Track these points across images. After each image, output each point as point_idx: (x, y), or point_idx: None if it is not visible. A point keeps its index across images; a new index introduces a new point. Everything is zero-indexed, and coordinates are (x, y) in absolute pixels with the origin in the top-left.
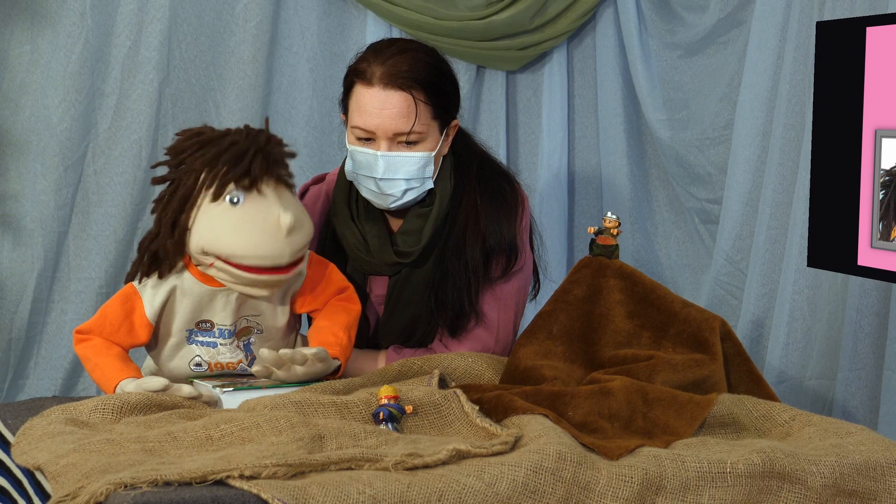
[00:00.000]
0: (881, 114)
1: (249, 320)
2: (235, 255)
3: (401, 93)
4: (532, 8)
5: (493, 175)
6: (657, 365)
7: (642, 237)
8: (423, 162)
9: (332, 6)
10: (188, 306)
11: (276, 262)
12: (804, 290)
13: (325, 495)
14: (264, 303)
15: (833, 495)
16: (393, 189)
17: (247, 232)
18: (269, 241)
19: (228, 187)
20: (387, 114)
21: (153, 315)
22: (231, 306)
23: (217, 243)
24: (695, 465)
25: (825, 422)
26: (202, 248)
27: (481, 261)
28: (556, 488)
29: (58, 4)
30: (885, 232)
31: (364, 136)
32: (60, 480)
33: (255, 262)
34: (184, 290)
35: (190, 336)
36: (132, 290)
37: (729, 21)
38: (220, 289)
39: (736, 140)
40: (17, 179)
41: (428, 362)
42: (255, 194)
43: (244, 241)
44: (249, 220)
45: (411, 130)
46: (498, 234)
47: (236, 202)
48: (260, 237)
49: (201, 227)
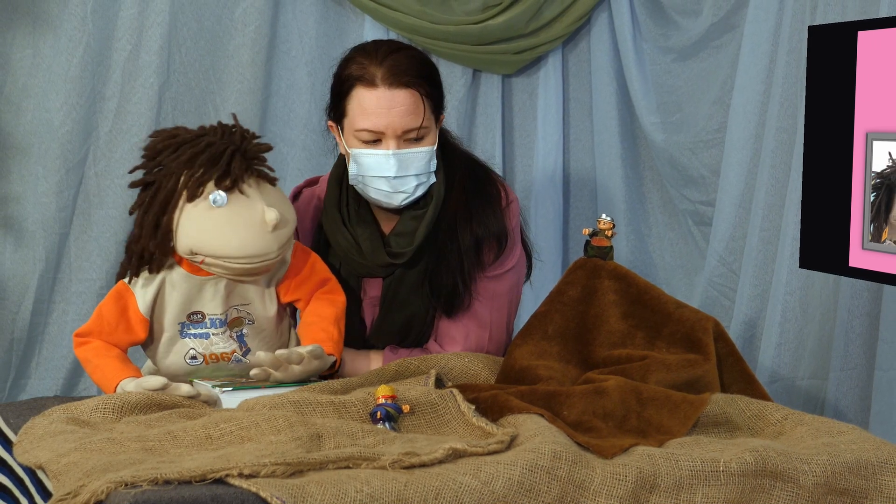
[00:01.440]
0: (872, 117)
1: (240, 310)
2: (225, 255)
3: (407, 90)
4: (528, 12)
5: (474, 171)
6: (651, 365)
7: (636, 239)
8: (429, 156)
9: (330, 11)
10: (178, 298)
11: (265, 259)
12: (796, 291)
13: (324, 494)
14: (252, 291)
15: (825, 494)
16: (405, 186)
17: (233, 232)
18: (257, 239)
19: (208, 187)
20: (395, 112)
21: (146, 309)
22: (220, 294)
23: (206, 245)
24: (688, 463)
25: (817, 421)
26: (190, 249)
27: (472, 245)
28: (551, 487)
29: (59, 9)
30: (876, 233)
31: (371, 137)
32: (62, 479)
33: (244, 261)
34: (173, 283)
35: (182, 329)
36: (124, 287)
37: (722, 25)
38: (209, 278)
39: (729, 143)
40: (19, 182)
41: (425, 362)
42: (238, 193)
43: (232, 241)
44: (235, 220)
45: (421, 126)
46: (485, 224)
47: (220, 203)
48: (246, 236)
49: (187, 229)
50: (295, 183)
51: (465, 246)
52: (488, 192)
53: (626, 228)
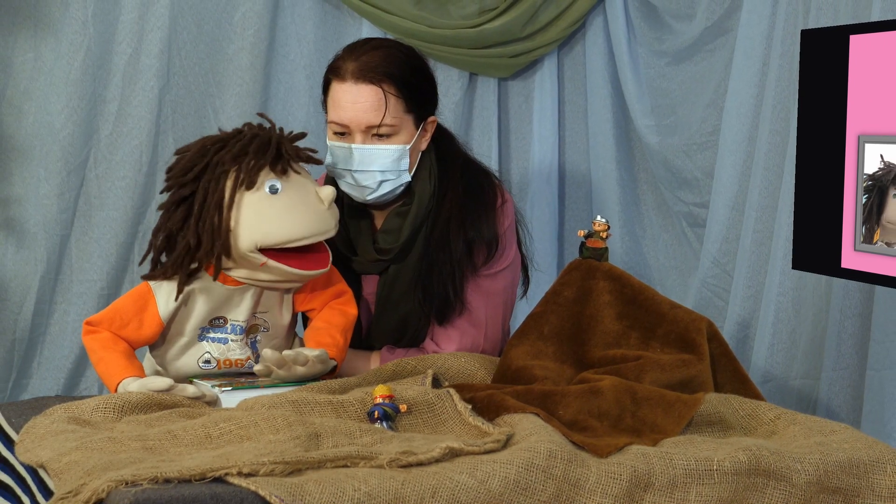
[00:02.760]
0: (864, 119)
1: (258, 317)
2: (292, 239)
3: (371, 86)
4: (523, 17)
5: (474, 176)
6: (645, 365)
7: (631, 240)
8: (398, 155)
9: (328, 15)
10: (204, 306)
11: (328, 234)
12: (789, 291)
13: (322, 492)
14: (273, 298)
15: (817, 492)
16: (368, 181)
17: (297, 214)
18: (318, 218)
19: (262, 175)
20: (358, 107)
21: (167, 315)
22: (248, 302)
23: (272, 233)
24: (682, 462)
25: (809, 420)
26: (256, 242)
27: (464, 252)
28: (546, 485)
29: (60, 13)
30: (867, 235)
31: (339, 129)
32: (63, 478)
33: (311, 241)
34: (203, 291)
35: (202, 333)
36: (147, 289)
37: (715, 29)
38: (238, 287)
39: (722, 145)
40: (21, 184)
41: (422, 362)
42: (290, 178)
43: (297, 223)
44: (295, 203)
45: (381, 123)
46: (478, 228)
47: (276, 190)
48: (307, 215)
49: (250, 221)
50: None
51: (457, 255)
52: (484, 196)
53: (620, 230)
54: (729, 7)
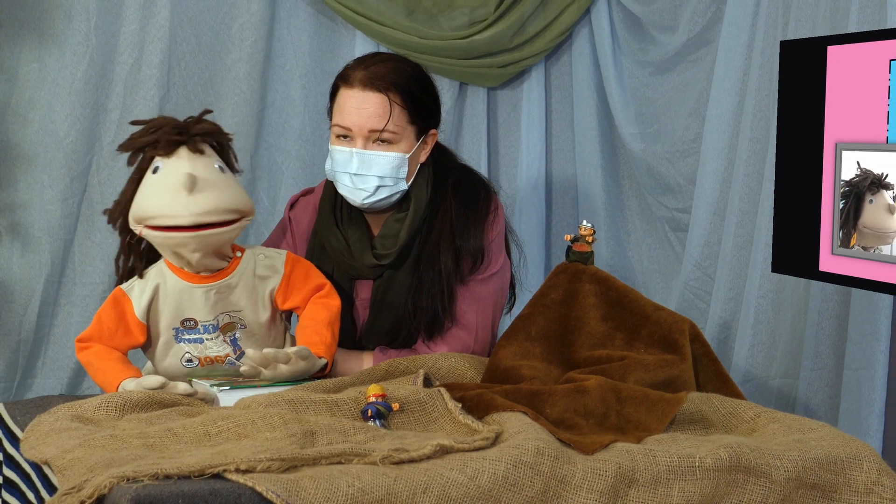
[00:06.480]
0: (841, 127)
1: (232, 316)
2: (148, 215)
3: (377, 94)
4: (512, 28)
5: (469, 184)
6: (630, 365)
7: (616, 244)
8: (397, 162)
9: (322, 26)
10: (171, 304)
11: (177, 220)
12: (769, 294)
13: (317, 488)
14: (244, 298)
15: (796, 488)
16: (365, 185)
17: (158, 193)
18: (173, 200)
19: (150, 155)
20: (363, 112)
21: (142, 314)
22: (210, 301)
23: (137, 208)
24: (665, 459)
25: (788, 418)
26: (132, 215)
27: (454, 267)
28: (534, 481)
29: (64, 25)
30: (844, 239)
31: (342, 133)
32: (67, 474)
33: (161, 221)
34: (166, 290)
35: (177, 335)
36: (121, 293)
37: (698, 40)
38: (198, 284)
39: (704, 153)
40: (26, 190)
41: (413, 362)
42: (173, 160)
43: (155, 201)
44: (161, 183)
45: (384, 129)
46: (466, 238)
47: (157, 170)
48: (165, 196)
49: (136, 198)
50: (290, 191)
51: (445, 271)
52: (477, 208)
53: (606, 234)
54: (710, 19)
